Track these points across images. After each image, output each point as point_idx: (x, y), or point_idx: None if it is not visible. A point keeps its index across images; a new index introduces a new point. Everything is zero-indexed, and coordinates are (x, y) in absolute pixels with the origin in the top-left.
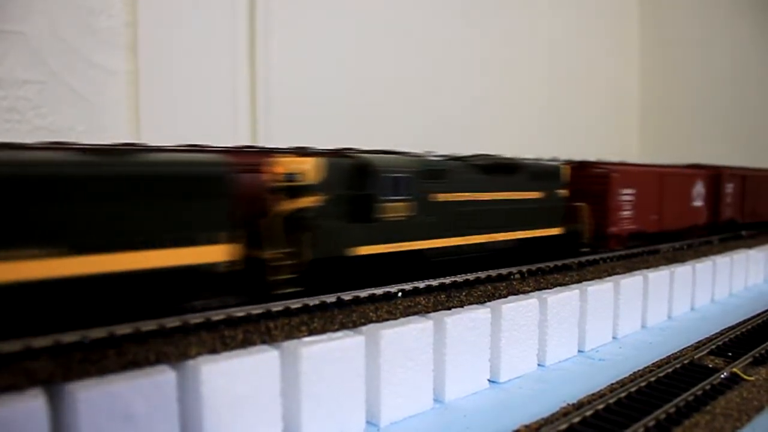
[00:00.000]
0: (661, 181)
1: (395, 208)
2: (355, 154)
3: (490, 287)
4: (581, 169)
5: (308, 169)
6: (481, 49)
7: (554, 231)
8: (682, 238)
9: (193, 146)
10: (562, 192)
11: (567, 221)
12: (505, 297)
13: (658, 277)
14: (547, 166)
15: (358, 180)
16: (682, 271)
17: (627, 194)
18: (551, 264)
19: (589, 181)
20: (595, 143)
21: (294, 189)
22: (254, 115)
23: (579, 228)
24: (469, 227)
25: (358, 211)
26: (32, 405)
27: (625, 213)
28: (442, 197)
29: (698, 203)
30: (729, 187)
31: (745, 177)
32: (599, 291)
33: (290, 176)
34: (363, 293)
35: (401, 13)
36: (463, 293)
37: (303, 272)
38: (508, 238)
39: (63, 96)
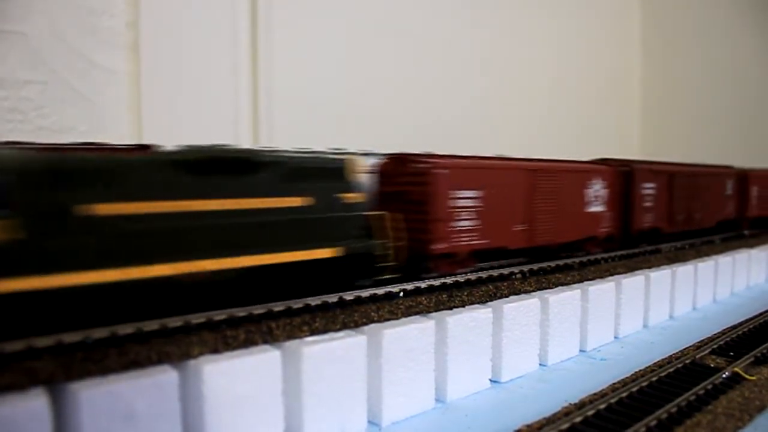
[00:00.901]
0: (530, 180)
1: None
2: None
3: (491, 287)
4: (400, 164)
5: None
6: (482, 49)
7: (324, 253)
8: (571, 254)
9: None
10: (351, 197)
11: (355, 238)
12: (507, 297)
13: (660, 276)
14: (320, 161)
15: None
16: (684, 270)
17: (466, 198)
18: (553, 264)
19: (408, 181)
20: (596, 143)
21: None
22: (256, 115)
23: (373, 247)
24: (155, 253)
25: None
26: (34, 404)
27: (465, 224)
28: (97, 210)
29: (597, 209)
30: (647, 188)
31: (672, 175)
32: (601, 290)
33: None
34: (365, 293)
35: (403, 13)
36: (465, 293)
37: None
38: (229, 266)
39: (65, 96)
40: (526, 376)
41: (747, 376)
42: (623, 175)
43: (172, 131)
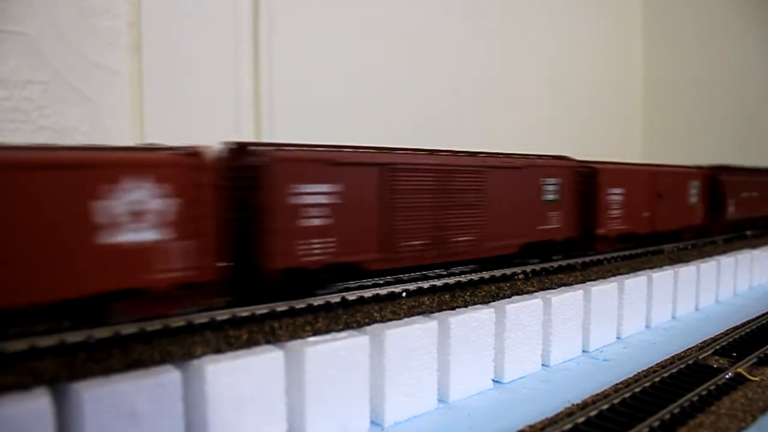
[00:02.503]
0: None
1: None
2: None
3: (494, 287)
4: None
5: None
6: (482, 47)
7: None
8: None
9: None
10: None
11: None
12: (509, 297)
13: (662, 277)
14: None
15: None
16: (686, 271)
17: None
18: (555, 264)
19: None
20: (597, 143)
21: None
22: (258, 114)
23: None
24: None
25: None
26: (38, 404)
27: None
28: None
29: (141, 237)
30: (312, 193)
31: (389, 169)
32: (603, 291)
33: None
34: (367, 293)
35: (405, 10)
36: (468, 293)
37: None
38: None
39: (67, 96)
40: (529, 376)
41: (750, 377)
42: (236, 171)
43: (174, 131)
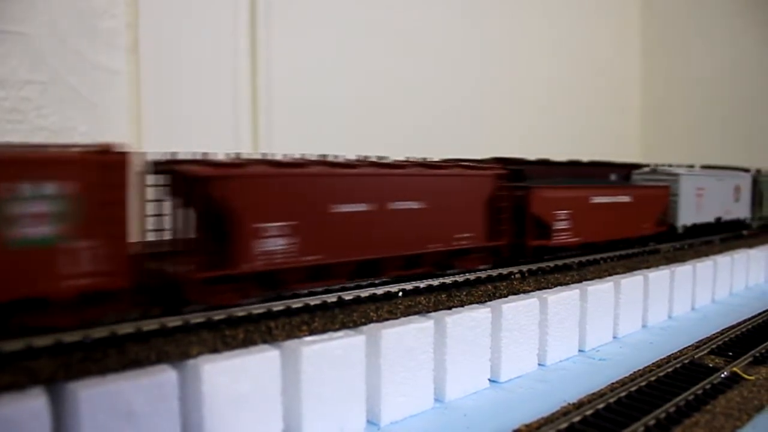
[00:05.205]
0: None
1: None
2: None
3: (490, 287)
4: None
5: None
6: (481, 49)
7: None
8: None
9: None
10: None
11: None
12: (506, 296)
13: (659, 276)
14: None
15: None
16: (683, 270)
17: None
18: (551, 264)
19: None
20: (596, 144)
21: None
22: (256, 116)
23: None
24: None
25: None
26: (34, 404)
27: None
28: None
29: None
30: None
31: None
32: (600, 290)
33: None
34: (364, 293)
35: (404, 14)
36: (464, 293)
37: None
38: None
39: (65, 96)
40: (525, 375)
41: (746, 376)
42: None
43: (171, 132)
